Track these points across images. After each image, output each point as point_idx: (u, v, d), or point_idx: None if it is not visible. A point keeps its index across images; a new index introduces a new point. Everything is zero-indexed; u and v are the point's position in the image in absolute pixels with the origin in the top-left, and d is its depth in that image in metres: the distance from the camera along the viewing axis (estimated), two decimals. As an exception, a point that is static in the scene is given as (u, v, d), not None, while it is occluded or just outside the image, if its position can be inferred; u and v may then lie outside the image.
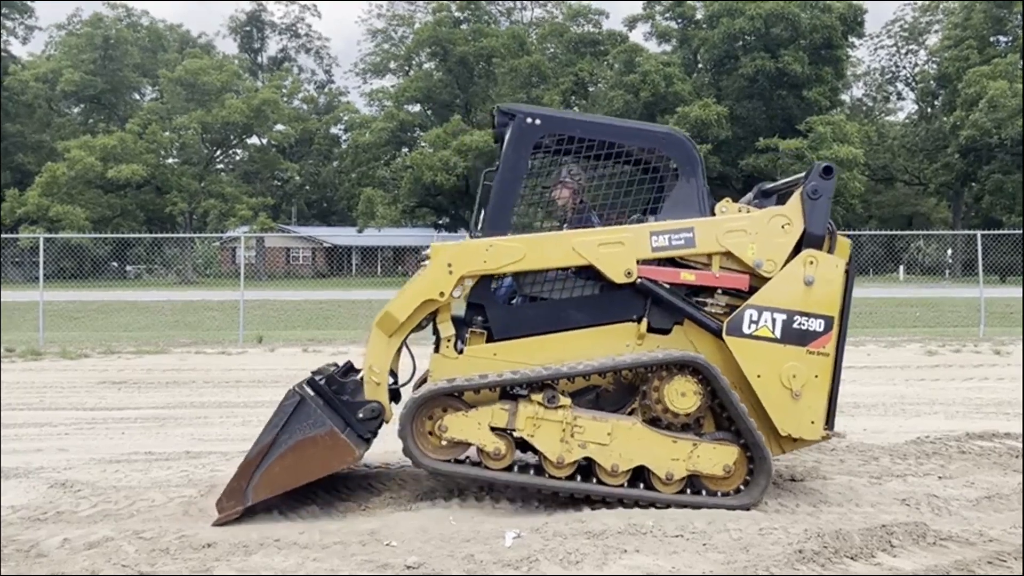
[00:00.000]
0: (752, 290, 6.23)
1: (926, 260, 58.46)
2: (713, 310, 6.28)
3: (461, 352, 6.28)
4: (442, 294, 6.21)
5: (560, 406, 6.04)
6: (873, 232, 34.21)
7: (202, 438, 9.07)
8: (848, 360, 14.70)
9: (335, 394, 6.30)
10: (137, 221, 53.69)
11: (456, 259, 6.22)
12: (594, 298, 6.34)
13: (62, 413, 10.58)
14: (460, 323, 6.41)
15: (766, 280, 6.21)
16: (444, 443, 6.12)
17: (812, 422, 6.17)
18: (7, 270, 42.60)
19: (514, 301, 6.48)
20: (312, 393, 6.17)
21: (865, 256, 43.37)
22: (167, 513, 6.13)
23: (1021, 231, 27.58)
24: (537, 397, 6.07)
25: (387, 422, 6.39)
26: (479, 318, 6.35)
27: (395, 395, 6.69)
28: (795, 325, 6.13)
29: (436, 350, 6.39)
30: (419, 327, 6.49)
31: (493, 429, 6.08)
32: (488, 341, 6.32)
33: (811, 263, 6.16)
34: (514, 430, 6.07)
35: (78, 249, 37.62)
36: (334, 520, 5.93)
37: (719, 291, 6.30)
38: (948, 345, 17.39)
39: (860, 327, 21.27)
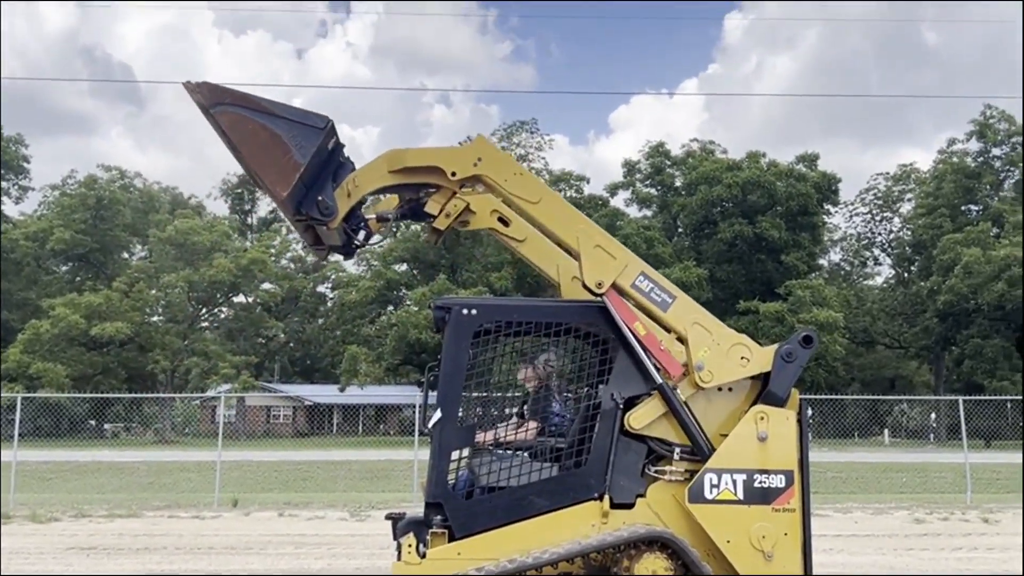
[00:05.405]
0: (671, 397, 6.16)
1: (910, 423, 58.44)
2: (672, 478, 6.15)
3: (424, 556, 5.98)
4: (454, 174, 6.34)
5: None
6: (856, 396, 34.36)
7: (170, 609, 8.72)
8: (836, 527, 14.60)
9: (339, 165, 6.43)
10: (117, 379, 53.18)
11: (489, 159, 6.42)
12: (554, 480, 6.17)
13: (25, 581, 10.20)
14: (420, 524, 6.17)
15: (698, 387, 6.20)
16: None
17: None
18: (-18, 428, 41.84)
19: (473, 494, 6.24)
20: (333, 141, 6.32)
21: (849, 419, 43.33)
22: None
23: (1002, 396, 27.70)
24: None
25: (333, 223, 6.34)
26: (438, 517, 6.09)
27: (349, 246, 6.73)
28: (756, 484, 6.06)
29: (398, 558, 6.07)
30: (404, 208, 6.63)
31: None
32: (450, 540, 6.04)
33: (761, 419, 6.14)
34: None
35: (56, 407, 37.18)
36: None
37: (677, 456, 6.18)
38: (935, 512, 17.13)
39: (847, 492, 21.01)
